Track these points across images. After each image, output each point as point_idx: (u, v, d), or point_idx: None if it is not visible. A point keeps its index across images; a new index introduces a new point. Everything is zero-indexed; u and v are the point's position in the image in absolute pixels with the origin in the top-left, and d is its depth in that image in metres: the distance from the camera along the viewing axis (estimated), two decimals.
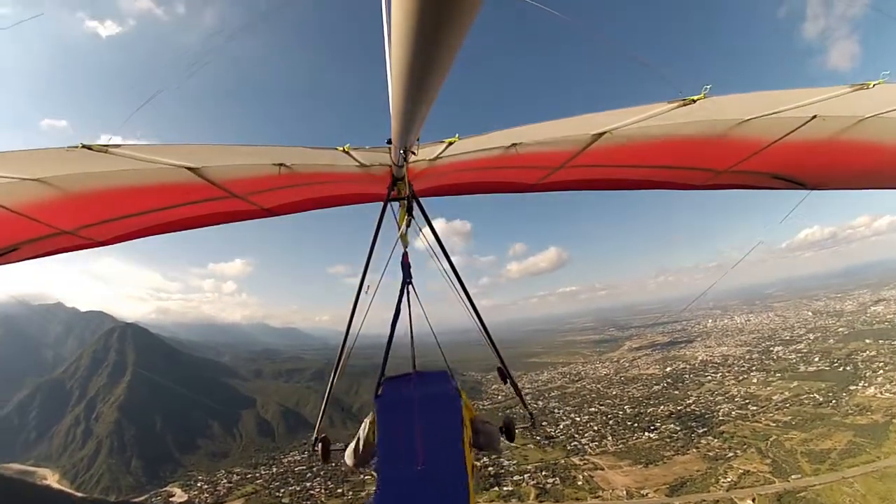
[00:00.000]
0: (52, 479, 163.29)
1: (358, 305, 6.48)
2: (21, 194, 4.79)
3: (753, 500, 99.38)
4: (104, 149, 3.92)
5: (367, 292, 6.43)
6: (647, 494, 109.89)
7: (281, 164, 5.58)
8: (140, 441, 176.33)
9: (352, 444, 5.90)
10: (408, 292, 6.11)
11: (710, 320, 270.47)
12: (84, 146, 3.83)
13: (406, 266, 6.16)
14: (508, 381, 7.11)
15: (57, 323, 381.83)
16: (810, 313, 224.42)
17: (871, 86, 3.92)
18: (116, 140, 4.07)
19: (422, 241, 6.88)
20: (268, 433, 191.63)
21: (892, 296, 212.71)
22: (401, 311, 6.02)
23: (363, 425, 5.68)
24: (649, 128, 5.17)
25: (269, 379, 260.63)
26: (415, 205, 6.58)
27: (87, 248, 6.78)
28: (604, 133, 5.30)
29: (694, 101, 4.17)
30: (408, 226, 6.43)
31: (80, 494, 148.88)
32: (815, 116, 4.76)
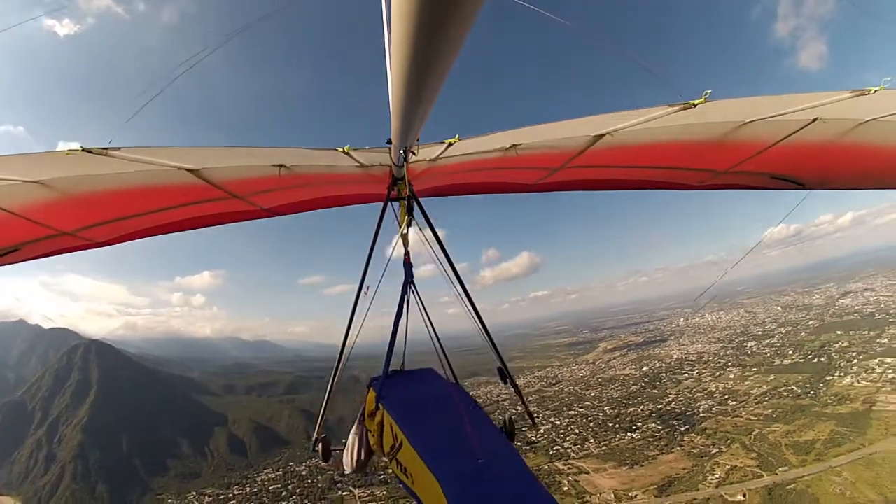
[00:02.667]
0: None
1: (358, 306, 6.62)
2: (21, 196, 4.86)
3: (744, 495, 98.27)
4: (104, 152, 3.99)
5: (366, 293, 6.58)
6: (635, 496, 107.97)
7: (281, 165, 5.64)
8: (105, 464, 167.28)
9: (347, 451, 6.02)
10: (410, 292, 6.24)
11: (681, 319, 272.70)
12: (84, 149, 3.91)
13: (407, 266, 6.31)
14: (509, 381, 7.05)
15: (20, 341, 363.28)
16: (780, 308, 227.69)
17: (871, 91, 4.06)
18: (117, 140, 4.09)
19: (418, 242, 6.81)
20: (240, 451, 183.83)
21: (857, 288, 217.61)
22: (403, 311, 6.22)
23: (354, 431, 5.84)
24: (649, 130, 5.23)
25: (240, 394, 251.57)
26: (415, 205, 6.61)
27: (87, 248, 6.82)
28: (604, 135, 5.41)
29: (695, 105, 4.26)
30: (409, 226, 6.46)
31: None
32: (816, 119, 4.87)
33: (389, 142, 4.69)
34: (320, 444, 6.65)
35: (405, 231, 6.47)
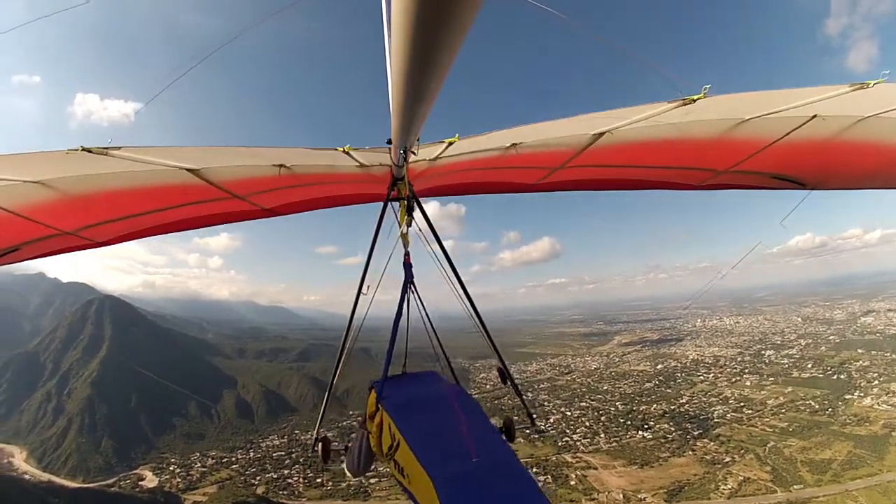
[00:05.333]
0: (18, 457, 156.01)
1: (358, 306, 6.72)
2: (21, 196, 4.93)
3: None
4: (104, 151, 4.04)
5: (366, 293, 6.63)
6: (644, 499, 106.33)
7: (281, 165, 5.68)
8: (112, 420, 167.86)
9: (350, 454, 6.15)
10: (409, 292, 6.20)
11: (698, 320, 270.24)
12: (84, 149, 3.94)
13: (407, 266, 6.25)
14: (509, 381, 6.97)
15: (38, 293, 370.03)
16: (800, 319, 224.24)
17: (870, 85, 3.96)
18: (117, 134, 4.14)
19: (419, 236, 6.69)
20: (247, 415, 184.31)
21: (881, 308, 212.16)
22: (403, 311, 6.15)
23: (357, 436, 5.93)
24: (649, 128, 5.22)
25: (251, 358, 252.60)
26: (415, 205, 6.58)
27: (87, 248, 6.89)
28: (604, 133, 5.40)
29: (694, 101, 4.24)
30: (409, 226, 6.41)
31: (45, 476, 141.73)
32: (814, 116, 4.80)
33: (389, 142, 4.65)
34: (320, 445, 6.62)
35: (405, 231, 6.36)
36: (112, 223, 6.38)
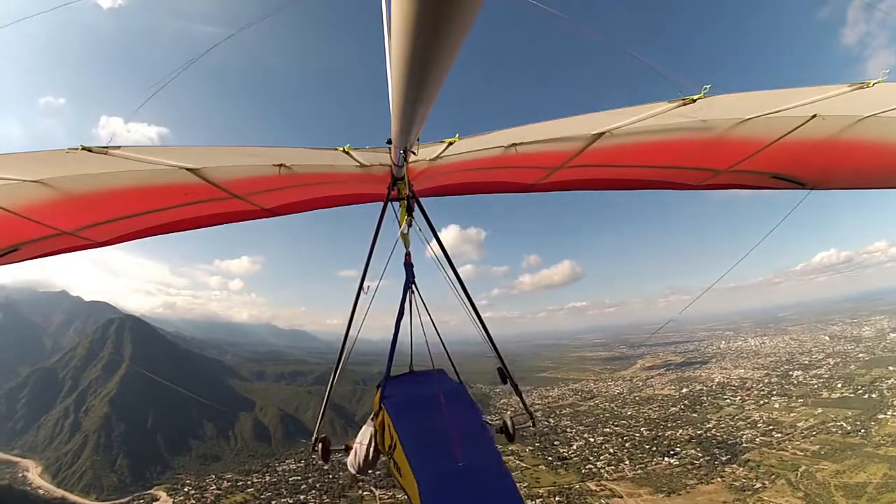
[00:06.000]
0: (34, 471, 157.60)
1: (358, 306, 6.62)
2: (21, 196, 4.94)
3: None
4: (104, 150, 4.08)
5: (366, 293, 6.58)
6: None
7: (281, 165, 5.70)
8: (128, 438, 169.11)
9: (353, 452, 6.10)
10: (411, 292, 6.23)
11: (723, 342, 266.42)
12: (84, 148, 3.99)
13: (408, 266, 6.26)
14: (509, 381, 7.05)
15: (60, 311, 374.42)
16: (827, 338, 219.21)
17: (870, 84, 4.03)
18: (118, 136, 4.12)
19: (426, 247, 6.87)
20: (264, 438, 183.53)
21: None
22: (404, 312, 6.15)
23: (363, 432, 5.92)
24: (649, 128, 5.27)
25: (270, 381, 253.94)
26: (415, 205, 6.62)
27: (87, 248, 6.89)
28: (603, 133, 5.40)
29: (694, 101, 4.28)
30: (409, 226, 6.44)
31: (59, 492, 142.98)
32: (814, 116, 4.83)
33: (389, 142, 4.70)
34: (320, 445, 6.59)
35: (405, 231, 6.38)
36: (112, 223, 6.36)
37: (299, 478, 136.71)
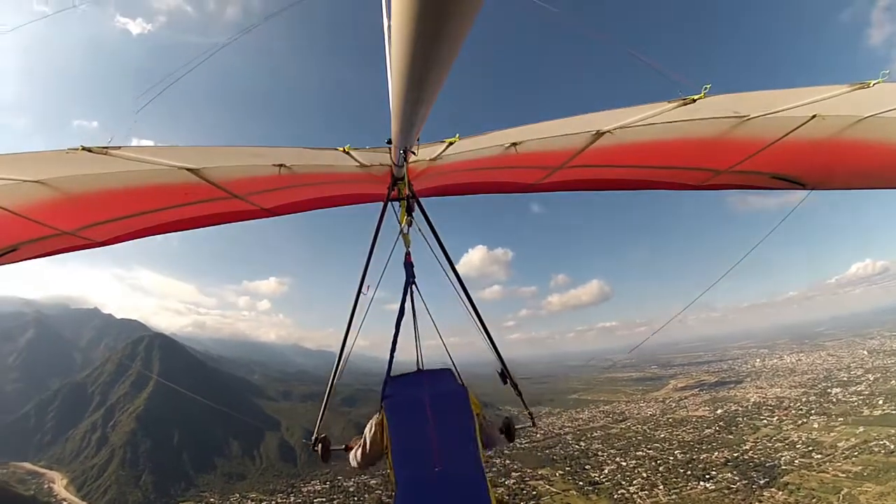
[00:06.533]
0: (59, 482, 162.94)
1: (358, 306, 6.69)
2: (21, 196, 4.96)
3: None
4: (104, 151, 4.08)
5: (365, 294, 6.65)
6: None
7: (281, 165, 5.71)
8: (154, 454, 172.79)
9: (357, 446, 6.06)
10: (411, 292, 6.30)
11: (757, 360, 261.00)
12: (84, 148, 3.98)
13: (408, 265, 6.34)
14: (509, 381, 7.01)
15: (91, 328, 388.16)
16: (866, 352, 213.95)
17: (870, 85, 4.03)
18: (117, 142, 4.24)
19: (420, 236, 6.82)
20: (290, 458, 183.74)
21: None
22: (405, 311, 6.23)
23: (369, 425, 5.79)
24: (649, 128, 5.29)
25: (296, 401, 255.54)
26: (416, 205, 6.69)
27: (87, 248, 6.88)
28: (604, 133, 5.44)
29: (694, 101, 4.29)
30: (409, 226, 6.52)
31: None
32: (814, 116, 4.87)
33: (389, 142, 4.74)
34: (320, 445, 6.59)
35: (405, 231, 6.46)
36: (112, 223, 6.38)
37: (324, 500, 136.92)
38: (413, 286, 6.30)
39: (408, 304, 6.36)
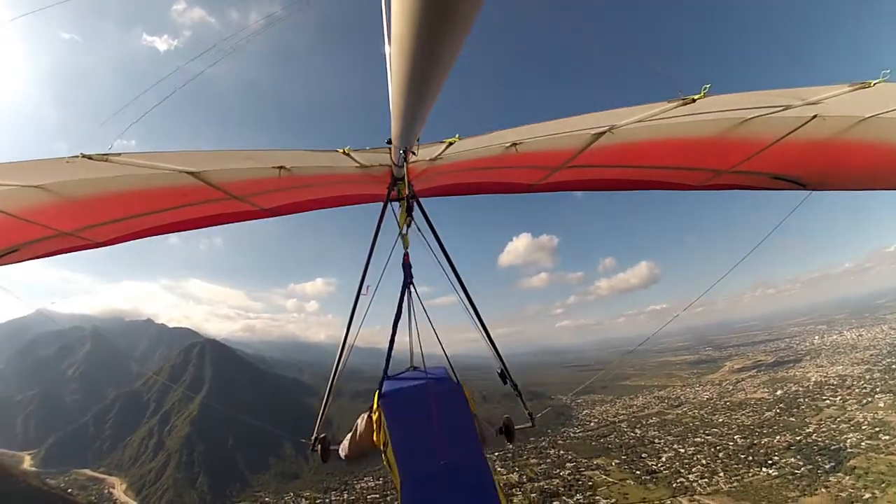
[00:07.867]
0: (119, 488, 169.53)
1: (357, 307, 6.81)
2: (21, 200, 5.02)
3: None
4: (104, 158, 4.15)
5: (365, 294, 6.70)
6: None
7: (281, 167, 5.72)
8: (209, 457, 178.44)
9: (347, 438, 6.36)
10: (409, 293, 6.34)
11: (816, 337, 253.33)
12: (84, 156, 4.06)
13: (407, 266, 6.32)
14: (509, 381, 7.03)
15: (145, 338, 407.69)
16: None
17: (871, 85, 4.03)
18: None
19: (420, 236, 6.84)
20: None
21: None
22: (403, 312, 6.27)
23: (361, 417, 5.98)
24: (649, 128, 5.31)
25: (348, 399, 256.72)
26: (416, 205, 6.71)
27: (87, 248, 6.93)
28: (604, 133, 5.45)
29: (694, 101, 4.28)
30: (408, 226, 6.52)
31: None
32: (815, 116, 4.88)
33: (389, 142, 4.69)
34: (319, 445, 6.77)
35: (404, 231, 6.45)
36: (112, 224, 6.44)
37: (377, 495, 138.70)
38: (411, 287, 6.33)
39: (407, 304, 6.42)
